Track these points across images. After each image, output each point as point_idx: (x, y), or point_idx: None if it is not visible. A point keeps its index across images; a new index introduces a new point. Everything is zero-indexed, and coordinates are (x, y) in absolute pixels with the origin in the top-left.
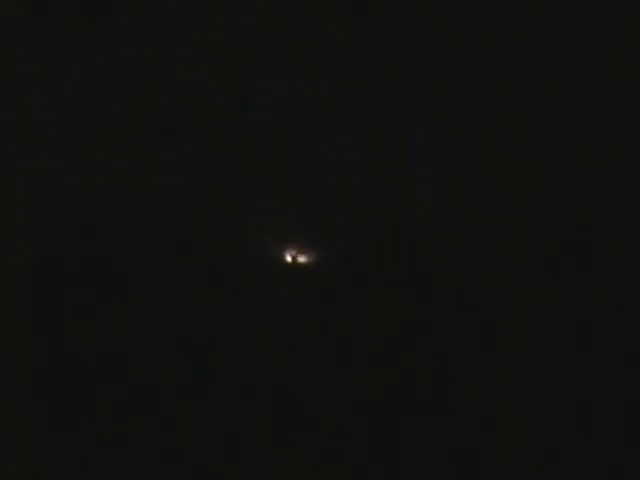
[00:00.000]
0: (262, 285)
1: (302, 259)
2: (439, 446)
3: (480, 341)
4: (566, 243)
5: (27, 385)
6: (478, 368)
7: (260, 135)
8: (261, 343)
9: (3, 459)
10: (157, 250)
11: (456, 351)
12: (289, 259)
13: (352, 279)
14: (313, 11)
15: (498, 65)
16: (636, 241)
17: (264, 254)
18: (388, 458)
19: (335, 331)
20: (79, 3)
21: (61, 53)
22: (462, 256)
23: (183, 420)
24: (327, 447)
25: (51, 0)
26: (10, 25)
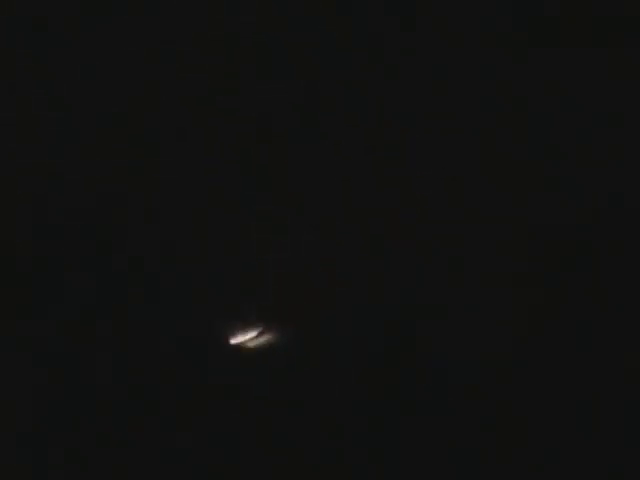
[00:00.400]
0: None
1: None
2: (439, 446)
3: (480, 341)
4: (566, 243)
5: (27, 385)
6: (478, 368)
7: (260, 135)
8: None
9: (3, 459)
10: (157, 250)
11: (456, 351)
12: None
13: (352, 274)
14: (313, 11)
15: (498, 65)
16: (636, 241)
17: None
18: (388, 458)
19: (336, 326)
20: (79, 3)
21: (61, 53)
22: (462, 256)
23: (183, 420)
24: (327, 447)
25: (51, 0)
26: (10, 25)
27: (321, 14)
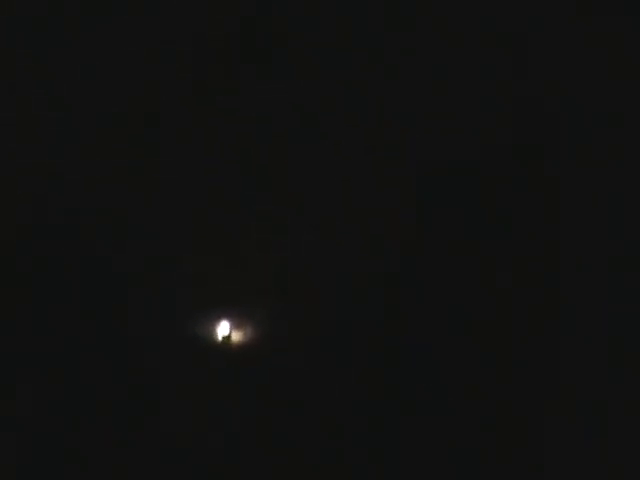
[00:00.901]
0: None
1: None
2: (439, 446)
3: (479, 341)
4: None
5: (27, 385)
6: (478, 368)
7: (260, 135)
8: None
9: (3, 459)
10: (157, 250)
11: (456, 351)
12: None
13: (353, 277)
14: (313, 11)
15: (498, 65)
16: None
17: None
18: (388, 458)
19: (336, 328)
20: (79, 3)
21: (61, 53)
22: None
23: (183, 420)
24: (327, 447)
25: (51, 0)
26: (10, 25)
27: (321, 14)
